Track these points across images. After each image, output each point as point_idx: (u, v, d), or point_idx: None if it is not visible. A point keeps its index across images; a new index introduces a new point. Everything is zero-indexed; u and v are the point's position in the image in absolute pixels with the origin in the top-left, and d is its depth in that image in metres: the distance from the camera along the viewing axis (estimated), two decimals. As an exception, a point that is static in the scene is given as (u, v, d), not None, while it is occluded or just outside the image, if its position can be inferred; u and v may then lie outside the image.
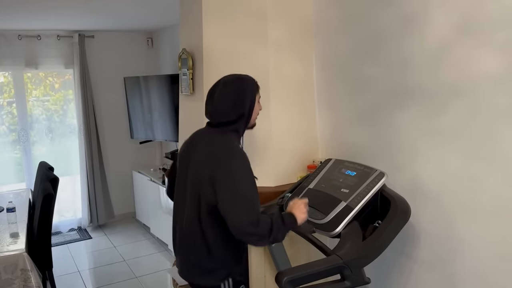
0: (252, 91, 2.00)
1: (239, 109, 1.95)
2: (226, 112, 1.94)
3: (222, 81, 2.01)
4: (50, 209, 3.22)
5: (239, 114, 1.95)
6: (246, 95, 1.97)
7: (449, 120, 2.02)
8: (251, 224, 1.73)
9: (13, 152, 5.06)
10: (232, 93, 1.96)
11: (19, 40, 4.81)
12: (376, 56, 2.36)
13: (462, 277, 2.04)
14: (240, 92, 1.96)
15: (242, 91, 1.97)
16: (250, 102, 1.98)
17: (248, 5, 2.65)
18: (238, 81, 2.00)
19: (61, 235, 5.19)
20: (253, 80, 2.04)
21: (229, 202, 1.77)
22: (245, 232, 1.74)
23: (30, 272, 2.77)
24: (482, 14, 1.84)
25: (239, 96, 1.96)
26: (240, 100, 1.96)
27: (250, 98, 1.98)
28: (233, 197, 1.77)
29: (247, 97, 1.97)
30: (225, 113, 1.95)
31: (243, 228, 1.73)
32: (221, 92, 1.96)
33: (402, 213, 1.94)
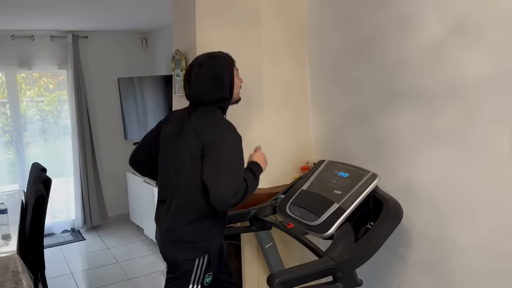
0: (229, 68, 2.01)
1: (219, 90, 1.97)
2: (206, 93, 1.97)
3: (196, 63, 2.01)
4: (42, 210, 3.20)
5: (221, 96, 1.97)
6: (224, 74, 1.98)
7: (441, 121, 2.02)
8: (231, 196, 1.79)
9: (6, 153, 5.03)
10: (208, 75, 1.97)
11: (12, 40, 4.78)
12: (369, 58, 2.36)
13: (455, 278, 2.04)
14: (217, 72, 1.97)
15: (218, 71, 1.98)
16: (229, 80, 1.99)
17: (242, 7, 2.65)
18: (211, 61, 2.00)
19: (54, 236, 5.16)
20: (227, 56, 2.04)
21: (214, 175, 1.82)
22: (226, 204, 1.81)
23: (22, 274, 2.75)
24: (475, 16, 1.84)
25: (215, 77, 1.97)
26: (219, 80, 1.97)
27: (228, 76, 1.99)
28: (218, 170, 1.83)
29: (224, 76, 1.98)
30: (205, 94, 1.97)
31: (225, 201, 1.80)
32: (196, 75, 1.97)
33: (394, 215, 1.94)
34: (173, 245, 2.01)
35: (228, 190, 1.79)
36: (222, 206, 1.82)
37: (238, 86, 2.08)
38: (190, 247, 1.97)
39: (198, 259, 1.98)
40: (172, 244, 2.02)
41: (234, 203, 1.82)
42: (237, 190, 1.81)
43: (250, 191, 1.88)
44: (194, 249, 1.97)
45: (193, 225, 1.95)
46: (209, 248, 2.00)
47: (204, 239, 1.98)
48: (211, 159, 1.85)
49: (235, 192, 1.80)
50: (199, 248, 1.97)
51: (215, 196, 1.79)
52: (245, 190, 1.85)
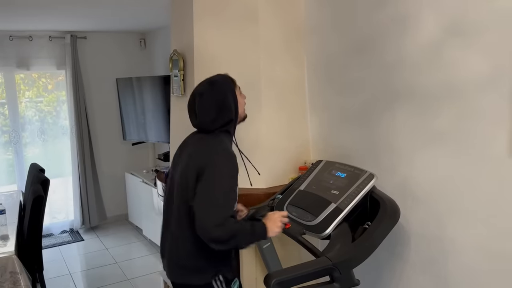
0: (231, 90, 1.97)
1: (225, 115, 1.93)
2: (212, 121, 1.92)
3: (197, 92, 1.97)
4: (40, 211, 3.20)
5: (228, 120, 1.94)
6: (227, 98, 1.94)
7: (439, 121, 2.02)
8: (216, 225, 1.69)
9: (5, 153, 5.02)
10: (212, 102, 1.92)
11: (10, 41, 4.78)
12: (367, 58, 2.37)
13: (453, 277, 2.04)
14: (220, 99, 1.93)
15: (221, 97, 1.93)
16: (233, 102, 1.96)
17: (239, 7, 2.65)
18: (212, 87, 1.95)
19: (53, 237, 5.16)
20: (226, 78, 2.00)
21: (201, 201, 1.74)
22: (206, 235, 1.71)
23: (20, 274, 2.75)
24: (473, 16, 1.84)
25: (220, 103, 1.92)
26: (223, 106, 1.93)
27: (231, 99, 1.95)
28: (206, 199, 1.74)
29: (229, 100, 1.94)
30: (211, 123, 1.93)
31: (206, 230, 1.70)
32: (200, 104, 1.93)
33: (392, 215, 1.94)
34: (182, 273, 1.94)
35: (212, 219, 1.70)
36: (203, 235, 1.72)
37: (242, 105, 2.04)
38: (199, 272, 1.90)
39: (215, 281, 1.91)
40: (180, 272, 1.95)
41: (217, 237, 1.70)
42: (223, 223, 1.70)
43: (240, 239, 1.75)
44: (204, 274, 1.90)
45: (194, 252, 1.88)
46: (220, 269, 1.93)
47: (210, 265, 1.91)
48: (201, 185, 1.77)
49: (220, 223, 1.70)
50: (208, 273, 1.91)
51: (198, 223, 1.72)
52: (233, 231, 1.72)
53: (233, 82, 2.01)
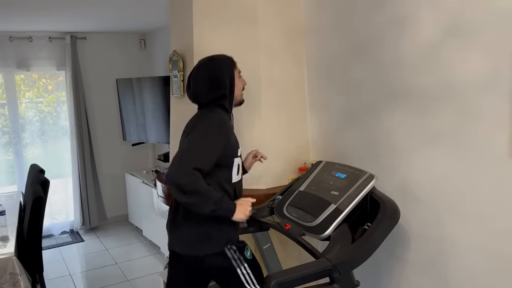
0: (228, 69, 2.04)
1: (217, 89, 2.00)
2: (203, 93, 2.01)
3: (196, 65, 2.07)
4: (40, 212, 3.19)
5: (220, 94, 2.00)
6: (222, 75, 2.01)
7: (439, 122, 2.02)
8: (184, 173, 1.73)
9: (5, 154, 5.02)
10: (205, 76, 2.01)
11: (10, 41, 4.78)
12: (366, 58, 2.36)
13: (453, 278, 2.04)
14: (214, 73, 2.01)
15: (217, 71, 2.01)
16: (229, 79, 2.02)
17: (239, 7, 2.64)
18: (210, 62, 2.05)
19: (53, 238, 5.16)
20: (227, 58, 2.07)
21: (178, 151, 1.83)
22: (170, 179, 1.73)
23: (19, 276, 2.75)
24: (472, 15, 1.84)
25: (214, 77, 2.00)
26: (216, 80, 2.00)
27: (228, 76, 2.02)
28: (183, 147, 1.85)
29: (224, 77, 2.01)
30: (203, 94, 2.01)
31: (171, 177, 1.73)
32: (195, 76, 2.04)
33: (391, 216, 1.94)
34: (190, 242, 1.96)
35: (180, 165, 1.75)
36: (170, 180, 1.75)
37: (240, 88, 2.11)
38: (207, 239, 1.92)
39: (228, 249, 1.94)
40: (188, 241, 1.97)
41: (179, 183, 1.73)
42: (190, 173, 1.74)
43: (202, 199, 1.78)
44: (214, 242, 1.93)
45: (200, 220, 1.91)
46: (228, 237, 1.95)
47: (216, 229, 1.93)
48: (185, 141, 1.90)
49: (187, 172, 1.73)
50: (218, 239, 1.93)
51: (168, 171, 1.76)
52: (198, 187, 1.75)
53: (233, 62, 2.09)
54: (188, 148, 1.83)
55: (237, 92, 2.09)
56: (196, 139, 1.86)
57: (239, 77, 2.10)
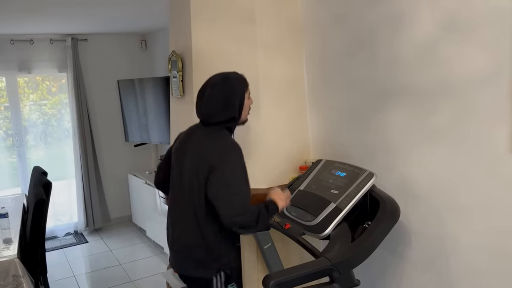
0: (241, 90, 2.03)
1: (229, 111, 1.99)
2: (216, 114, 1.99)
3: (210, 83, 2.04)
4: (42, 214, 3.20)
5: (230, 117, 1.99)
6: (235, 96, 2.00)
7: (439, 119, 2.00)
8: (240, 214, 1.82)
9: (10, 156, 5.04)
10: (220, 96, 1.99)
11: (12, 44, 4.79)
12: (365, 55, 2.35)
13: (455, 276, 2.03)
14: (228, 95, 1.99)
15: (230, 92, 2.00)
16: (239, 102, 2.01)
17: (237, 7, 2.63)
18: (225, 82, 2.02)
19: (57, 239, 5.18)
20: (241, 78, 2.06)
21: (222, 195, 1.85)
22: (235, 222, 1.82)
23: (22, 278, 2.76)
24: (469, 12, 1.82)
25: (227, 98, 1.99)
26: (229, 102, 1.99)
27: (239, 98, 2.01)
28: (226, 190, 1.86)
29: (235, 98, 2.00)
30: (215, 115, 1.99)
31: (233, 218, 1.82)
32: (209, 94, 2.00)
33: (391, 214, 1.93)
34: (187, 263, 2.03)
35: (237, 209, 1.83)
36: (232, 224, 1.84)
37: (247, 108, 2.09)
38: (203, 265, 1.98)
39: (215, 277, 1.99)
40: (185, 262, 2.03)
41: (246, 223, 1.83)
42: (246, 210, 1.84)
43: (261, 222, 1.87)
44: (207, 268, 1.98)
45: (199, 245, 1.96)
46: (221, 267, 2.00)
47: (214, 258, 1.98)
48: (217, 179, 1.87)
49: (243, 210, 1.83)
50: (211, 268, 1.98)
51: (225, 215, 1.83)
52: (256, 216, 1.85)
53: (246, 83, 2.07)
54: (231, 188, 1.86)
55: (244, 113, 2.07)
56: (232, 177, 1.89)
57: (248, 97, 2.08)
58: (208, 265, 1.98)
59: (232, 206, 1.83)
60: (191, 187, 1.94)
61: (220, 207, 1.84)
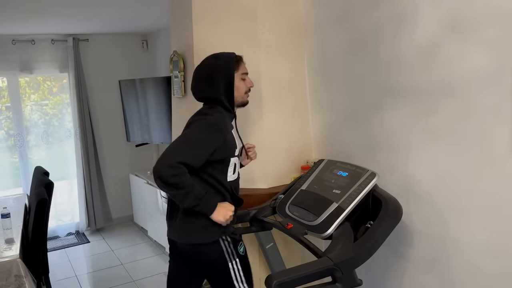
0: (227, 70, 2.02)
1: (210, 90, 2.01)
2: (198, 91, 2.05)
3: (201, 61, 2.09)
4: (44, 214, 3.20)
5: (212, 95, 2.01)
6: (219, 75, 2.01)
7: (441, 119, 2.00)
8: (168, 165, 1.77)
9: (11, 157, 5.05)
10: (204, 73, 2.04)
11: (13, 45, 4.80)
12: (367, 55, 2.35)
13: (457, 276, 2.02)
14: (212, 72, 2.02)
15: (214, 70, 2.02)
16: (226, 81, 2.01)
17: (238, 7, 2.63)
18: (212, 60, 2.06)
19: (59, 239, 5.18)
20: (230, 57, 2.05)
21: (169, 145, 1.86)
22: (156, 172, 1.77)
23: (24, 278, 2.76)
24: (471, 12, 1.82)
25: (208, 76, 2.02)
26: (210, 81, 2.01)
27: (225, 77, 2.01)
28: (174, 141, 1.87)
29: (220, 77, 2.01)
30: (197, 92, 2.06)
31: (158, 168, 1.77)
32: (196, 71, 2.07)
33: (394, 214, 1.92)
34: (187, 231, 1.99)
35: (167, 158, 1.78)
36: (154, 171, 1.79)
37: (241, 90, 2.08)
38: (204, 229, 1.96)
39: (222, 240, 1.97)
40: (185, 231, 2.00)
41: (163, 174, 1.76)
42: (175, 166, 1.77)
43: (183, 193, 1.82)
44: (209, 231, 1.96)
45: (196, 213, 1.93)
46: (224, 230, 1.98)
47: (212, 223, 1.94)
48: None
49: (171, 164, 1.77)
50: (214, 230, 1.96)
51: (156, 163, 1.80)
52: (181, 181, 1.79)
53: (236, 63, 2.06)
54: (179, 142, 1.87)
55: (238, 93, 2.06)
56: (188, 134, 1.90)
57: (242, 78, 2.07)
58: (210, 228, 1.95)
59: (164, 155, 1.80)
60: None
61: (159, 157, 1.81)
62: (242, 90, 2.09)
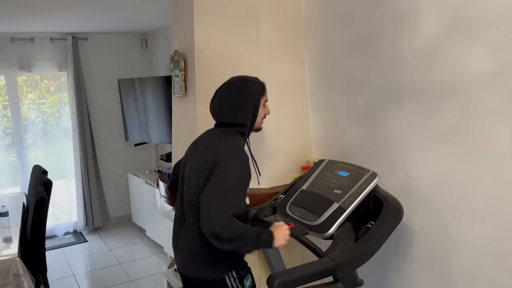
0: (256, 95, 1.98)
1: (242, 114, 1.94)
2: (226, 112, 1.95)
3: (227, 82, 2.01)
4: (42, 213, 3.20)
5: (240, 121, 1.94)
6: (249, 99, 1.95)
7: (441, 119, 2.01)
8: (220, 222, 1.66)
9: (9, 155, 5.03)
10: (234, 95, 1.95)
11: (12, 43, 4.78)
12: (369, 56, 2.35)
13: (457, 277, 2.03)
14: (243, 96, 1.95)
15: (245, 94, 1.95)
16: (253, 106, 1.96)
17: (240, 6, 2.63)
18: (241, 83, 1.99)
19: (57, 238, 5.17)
20: (258, 83, 2.01)
21: (209, 195, 1.72)
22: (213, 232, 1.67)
23: (23, 277, 2.75)
24: (473, 12, 1.82)
25: (241, 100, 1.94)
26: (242, 104, 1.94)
27: (253, 102, 1.96)
28: (216, 195, 1.72)
29: (250, 101, 1.95)
30: (225, 113, 1.95)
31: (213, 227, 1.66)
32: (223, 92, 1.98)
33: (395, 214, 1.93)
34: (196, 266, 1.94)
35: (216, 215, 1.67)
36: (206, 228, 1.70)
37: (261, 116, 2.04)
38: (213, 266, 1.90)
39: (228, 277, 1.91)
40: (194, 265, 1.94)
41: (219, 234, 1.66)
42: (227, 221, 1.67)
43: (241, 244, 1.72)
44: (218, 268, 1.90)
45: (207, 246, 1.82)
46: (232, 266, 1.92)
47: (223, 259, 1.89)
48: (212, 180, 1.76)
49: (224, 221, 1.67)
50: (223, 266, 1.90)
51: (202, 217, 1.70)
52: (237, 233, 1.69)
53: (263, 89, 2.02)
54: (219, 193, 1.73)
55: (258, 120, 2.02)
56: (225, 182, 1.75)
57: (263, 105, 2.03)
58: (218, 264, 1.89)
59: (212, 212, 1.68)
60: (194, 187, 1.87)
61: (204, 213, 1.70)
62: (261, 116, 2.04)
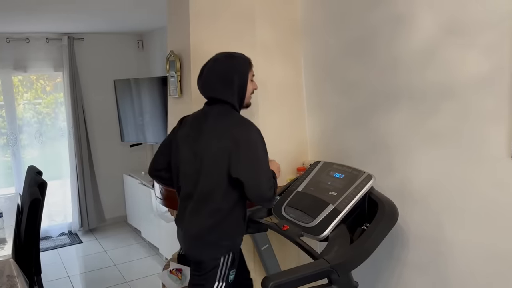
0: (243, 70, 2.02)
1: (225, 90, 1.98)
2: (214, 86, 1.99)
3: (213, 58, 2.05)
4: (37, 214, 3.18)
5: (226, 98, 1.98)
6: (236, 74, 1.99)
7: (437, 122, 2.01)
8: (270, 189, 1.92)
9: (3, 156, 5.01)
10: (220, 70, 1.99)
11: (7, 43, 4.76)
12: (364, 58, 2.35)
13: (452, 279, 2.03)
14: (228, 70, 1.99)
15: (231, 69, 1.99)
16: (240, 82, 2.00)
17: (236, 7, 2.63)
18: (228, 59, 2.02)
19: (52, 239, 5.14)
20: (245, 59, 2.06)
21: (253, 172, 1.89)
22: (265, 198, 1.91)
23: (17, 278, 2.73)
24: (469, 15, 1.83)
25: (227, 74, 1.98)
26: (228, 79, 1.98)
27: (240, 78, 2.00)
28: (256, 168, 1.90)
29: (234, 77, 1.99)
30: (210, 89, 2.00)
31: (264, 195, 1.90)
32: (210, 68, 2.02)
33: (390, 216, 1.93)
34: (197, 246, 2.03)
35: (265, 185, 1.89)
36: (261, 200, 1.92)
37: (250, 91, 2.09)
38: (214, 246, 2.00)
39: (223, 258, 2.01)
40: (196, 245, 2.04)
41: (270, 197, 1.92)
42: (272, 185, 1.93)
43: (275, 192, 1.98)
44: (218, 248, 2.00)
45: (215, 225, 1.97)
46: (233, 246, 2.04)
47: (227, 238, 2.01)
48: (243, 157, 1.89)
49: (270, 186, 1.91)
50: (223, 247, 2.01)
51: (254, 191, 1.89)
52: (275, 185, 1.97)
53: (249, 65, 2.07)
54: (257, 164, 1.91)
55: (247, 95, 2.07)
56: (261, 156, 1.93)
57: (251, 80, 2.08)
58: (220, 244, 1.99)
59: (263, 183, 1.89)
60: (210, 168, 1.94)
61: (251, 185, 1.88)
62: (250, 91, 2.09)
